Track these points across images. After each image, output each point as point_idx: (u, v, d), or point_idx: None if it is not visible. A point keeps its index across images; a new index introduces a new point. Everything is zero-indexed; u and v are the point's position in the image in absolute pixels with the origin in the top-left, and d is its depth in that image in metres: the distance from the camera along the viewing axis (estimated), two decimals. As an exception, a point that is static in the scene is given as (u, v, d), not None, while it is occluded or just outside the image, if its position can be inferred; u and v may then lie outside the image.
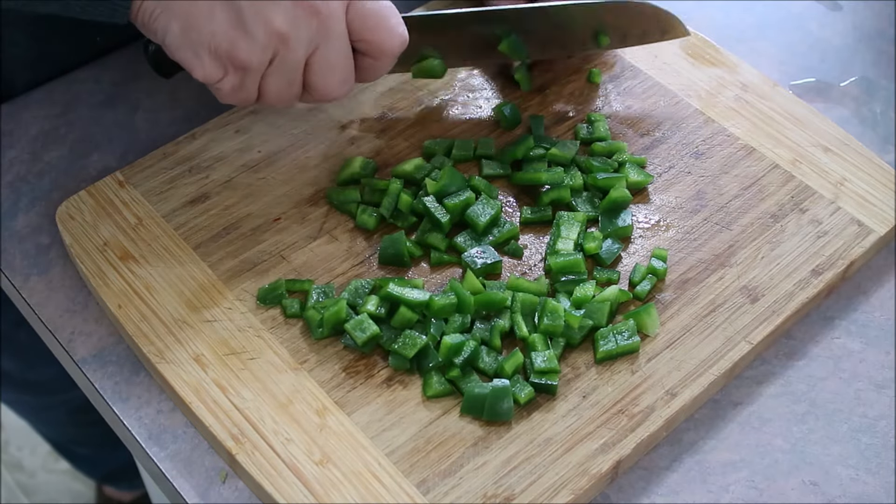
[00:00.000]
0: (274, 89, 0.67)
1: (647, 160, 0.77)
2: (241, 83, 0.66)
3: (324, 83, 0.67)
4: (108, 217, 0.72)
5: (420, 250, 0.71)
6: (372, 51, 0.68)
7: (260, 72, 0.65)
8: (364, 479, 0.60)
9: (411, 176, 0.74)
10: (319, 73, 0.67)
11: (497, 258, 0.70)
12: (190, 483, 0.63)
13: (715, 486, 0.64)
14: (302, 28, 0.63)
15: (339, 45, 0.66)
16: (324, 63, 0.66)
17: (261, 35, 0.62)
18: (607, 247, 0.71)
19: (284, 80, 0.66)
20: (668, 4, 0.89)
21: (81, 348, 0.70)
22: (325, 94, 0.68)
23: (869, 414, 0.67)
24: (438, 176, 0.73)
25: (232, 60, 0.63)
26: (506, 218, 0.73)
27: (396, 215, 0.72)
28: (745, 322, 0.68)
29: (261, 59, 0.64)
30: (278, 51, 0.64)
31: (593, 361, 0.66)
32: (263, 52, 0.63)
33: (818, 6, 0.94)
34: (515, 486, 0.60)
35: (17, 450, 1.73)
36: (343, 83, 0.68)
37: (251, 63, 0.64)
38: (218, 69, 0.64)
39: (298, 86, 0.67)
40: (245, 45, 0.63)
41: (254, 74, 0.65)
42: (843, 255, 0.71)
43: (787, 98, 0.82)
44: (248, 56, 0.63)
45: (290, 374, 0.65)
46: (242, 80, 0.65)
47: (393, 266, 0.70)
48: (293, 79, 0.66)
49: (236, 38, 0.62)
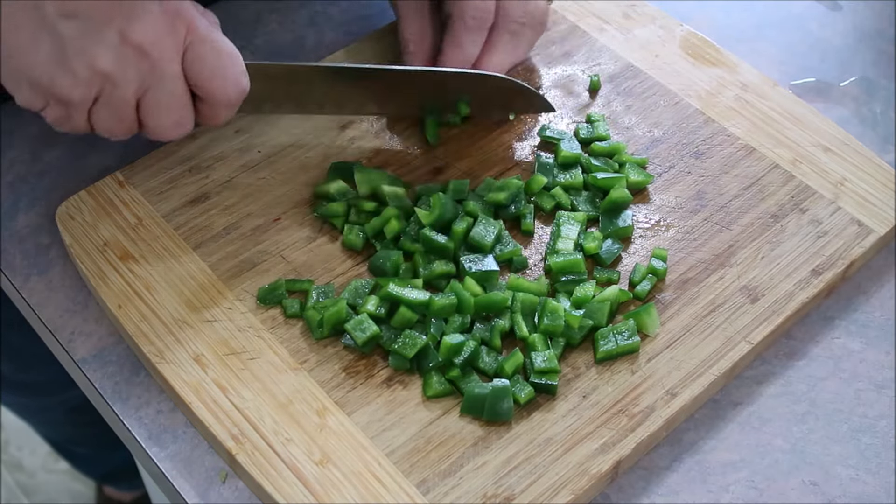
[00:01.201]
0: (103, 124, 0.64)
1: (648, 160, 0.77)
2: (65, 116, 0.63)
3: (156, 124, 0.65)
4: (108, 217, 0.72)
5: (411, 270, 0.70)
6: (208, 98, 0.65)
7: (84, 107, 0.62)
8: (364, 479, 0.60)
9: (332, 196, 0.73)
10: (151, 113, 0.64)
11: (495, 267, 0.69)
12: (190, 483, 0.63)
13: (715, 486, 0.64)
14: (129, 69, 0.60)
15: (171, 87, 0.63)
16: (155, 104, 0.63)
17: (83, 73, 0.60)
18: (607, 247, 0.71)
19: (113, 116, 0.63)
20: (668, 4, 0.89)
21: (81, 348, 0.70)
22: (159, 134, 0.66)
23: (869, 414, 0.67)
24: (430, 205, 0.71)
25: (51, 94, 0.61)
26: (507, 234, 0.71)
27: (379, 237, 0.71)
28: (745, 322, 0.68)
29: (82, 97, 0.61)
30: (104, 89, 0.61)
31: (593, 361, 0.66)
32: (86, 90, 0.61)
33: (818, 6, 0.94)
34: (515, 486, 0.60)
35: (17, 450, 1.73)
36: (177, 125, 0.66)
37: (72, 99, 0.61)
38: (38, 100, 0.62)
39: (130, 122, 0.64)
40: (66, 82, 0.60)
41: (77, 109, 0.62)
42: (843, 255, 0.71)
43: (787, 98, 0.82)
44: (68, 92, 0.60)
45: (290, 374, 0.65)
46: (67, 113, 0.63)
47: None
48: (122, 116, 0.64)
49: (57, 74, 0.59)
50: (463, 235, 0.70)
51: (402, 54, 0.79)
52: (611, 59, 0.84)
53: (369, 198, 0.73)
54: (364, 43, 0.85)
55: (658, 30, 0.87)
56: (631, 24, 0.87)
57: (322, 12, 0.91)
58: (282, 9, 0.91)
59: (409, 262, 0.70)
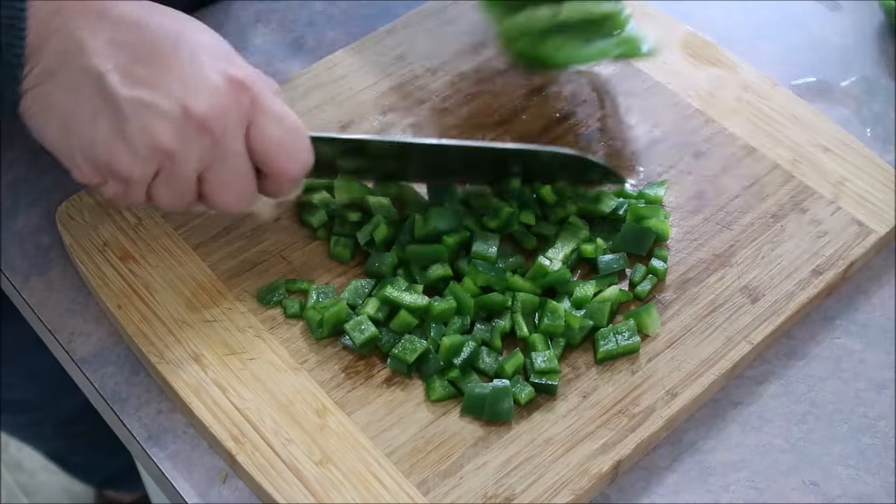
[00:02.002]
0: (164, 199, 0.62)
1: (647, 160, 0.77)
2: (124, 192, 0.61)
3: (219, 199, 0.63)
4: (108, 217, 0.72)
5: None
6: (271, 173, 0.63)
7: (144, 184, 0.60)
8: (364, 479, 0.60)
9: (314, 206, 0.72)
10: (213, 189, 0.62)
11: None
12: (190, 483, 0.63)
13: (715, 486, 0.64)
14: (192, 146, 0.58)
15: (234, 163, 0.61)
16: (217, 181, 0.61)
17: (143, 150, 0.58)
18: (607, 260, 0.69)
19: (174, 192, 0.61)
20: (668, 4, 0.89)
21: (81, 348, 0.69)
22: (220, 209, 0.64)
23: (869, 414, 0.67)
24: (425, 216, 0.70)
25: (111, 171, 0.59)
26: (508, 248, 0.71)
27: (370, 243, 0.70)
28: (746, 322, 0.68)
29: (143, 174, 0.59)
30: (164, 166, 0.59)
31: (593, 361, 0.66)
32: (146, 167, 0.59)
33: (818, 6, 0.94)
34: (516, 486, 0.60)
35: (17, 450, 1.73)
36: (240, 200, 0.63)
37: (132, 176, 0.59)
38: (96, 176, 0.60)
39: (191, 196, 0.62)
40: (125, 158, 0.58)
41: (137, 186, 0.60)
42: (843, 255, 0.71)
43: (787, 98, 0.82)
44: (128, 170, 0.59)
45: (290, 374, 0.65)
46: (126, 189, 0.61)
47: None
48: (183, 191, 0.61)
49: (116, 150, 0.58)
50: (456, 246, 0.69)
51: None
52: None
53: (352, 207, 0.72)
54: (364, 43, 0.85)
55: (658, 30, 0.87)
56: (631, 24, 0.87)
57: (322, 12, 0.91)
58: (282, 9, 0.91)
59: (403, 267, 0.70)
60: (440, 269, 0.68)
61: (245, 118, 0.60)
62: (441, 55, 0.84)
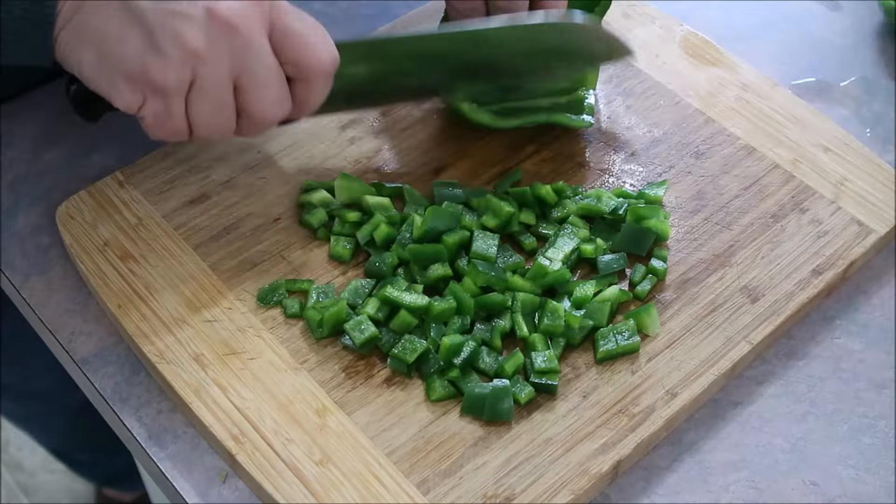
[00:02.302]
0: (203, 115, 0.63)
1: (647, 160, 0.77)
2: (164, 110, 0.62)
3: (257, 103, 0.63)
4: (108, 217, 0.72)
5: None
6: (301, 73, 0.64)
7: (181, 95, 0.61)
8: (364, 479, 0.60)
9: (314, 205, 0.72)
10: (250, 93, 0.63)
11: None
12: (190, 483, 0.63)
13: (715, 486, 0.64)
14: (220, 45, 0.60)
15: (265, 61, 0.62)
16: (252, 82, 0.62)
17: (175, 54, 0.59)
18: (607, 260, 0.70)
19: (211, 103, 0.62)
20: (668, 4, 0.89)
21: (81, 348, 0.70)
22: (261, 115, 0.64)
23: (869, 414, 0.67)
24: (423, 215, 0.70)
25: (148, 84, 0.60)
26: (509, 248, 0.71)
27: (370, 243, 0.71)
28: (746, 322, 0.68)
29: (178, 80, 0.60)
30: (197, 70, 0.60)
31: (593, 361, 0.66)
32: (180, 72, 0.60)
33: (818, 6, 0.94)
34: (516, 486, 0.60)
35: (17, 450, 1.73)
36: (277, 102, 0.64)
37: (168, 84, 0.60)
38: (136, 95, 0.61)
39: (230, 110, 0.63)
40: (159, 66, 0.59)
41: (175, 98, 0.61)
42: (843, 255, 0.71)
43: (787, 98, 0.82)
44: (163, 77, 0.60)
45: (290, 374, 0.65)
46: (165, 106, 0.62)
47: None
48: (221, 101, 0.62)
49: (149, 60, 0.59)
50: (456, 246, 0.69)
51: None
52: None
53: (352, 207, 0.73)
54: (364, 43, 0.85)
55: (658, 30, 0.87)
56: (631, 23, 0.87)
57: (322, 12, 0.91)
58: (282, 9, 0.91)
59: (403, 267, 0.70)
60: (440, 269, 0.68)
61: (266, 18, 0.62)
62: (441, 55, 0.84)
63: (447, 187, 0.73)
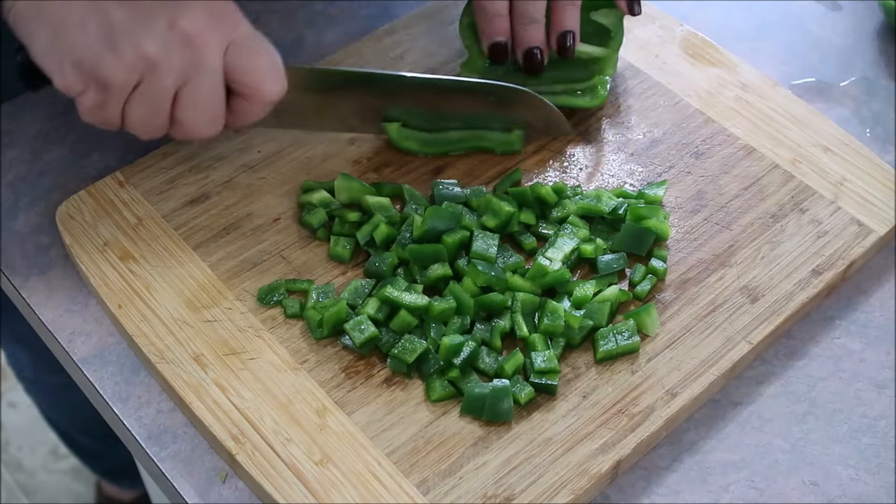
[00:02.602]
0: (137, 115, 0.64)
1: (647, 160, 0.77)
2: (102, 102, 0.63)
3: (191, 119, 0.65)
4: (108, 217, 0.72)
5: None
6: (246, 93, 0.65)
7: (123, 94, 0.62)
8: (364, 479, 0.60)
9: (314, 205, 0.72)
10: (187, 107, 0.64)
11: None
12: (190, 483, 0.63)
13: (715, 486, 0.64)
14: (173, 57, 0.61)
15: (210, 80, 0.63)
16: (192, 97, 0.64)
17: (129, 56, 0.60)
18: (607, 260, 0.70)
19: (149, 107, 0.63)
20: (668, 4, 0.89)
21: (81, 348, 0.70)
22: (191, 130, 0.66)
23: (869, 414, 0.67)
24: (423, 215, 0.70)
25: (95, 76, 0.61)
26: (509, 248, 0.70)
27: (370, 243, 0.71)
28: (745, 322, 0.68)
29: (125, 81, 0.61)
30: (145, 76, 0.62)
31: (593, 361, 0.66)
32: (128, 74, 0.61)
33: (818, 6, 0.94)
34: (515, 486, 0.60)
35: (17, 450, 1.73)
36: (210, 123, 0.66)
37: (113, 82, 0.61)
38: (79, 82, 0.62)
39: (164, 117, 0.64)
40: (110, 64, 0.60)
41: (116, 96, 0.62)
42: (843, 255, 0.71)
43: (787, 98, 0.82)
44: (111, 75, 0.61)
45: (290, 374, 0.65)
46: (104, 100, 0.63)
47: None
48: (158, 108, 0.63)
49: (103, 55, 0.60)
50: (456, 246, 0.69)
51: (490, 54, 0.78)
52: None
53: (352, 207, 0.73)
54: (364, 43, 0.85)
55: (658, 30, 0.87)
56: (631, 24, 0.87)
57: (322, 12, 0.91)
58: (282, 9, 0.91)
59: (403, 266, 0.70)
60: (440, 269, 0.68)
61: (226, 38, 0.63)
62: (441, 55, 0.84)
63: (447, 187, 0.73)
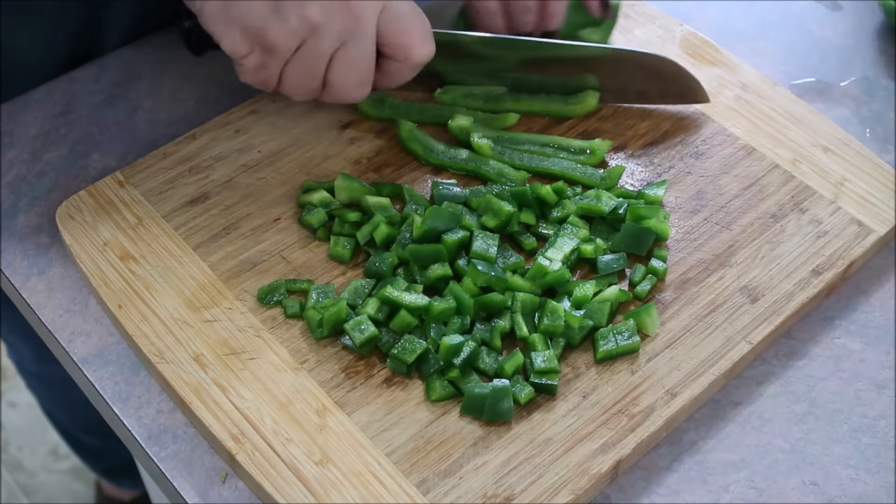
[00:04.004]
0: (295, 78, 0.69)
1: (647, 160, 0.77)
2: (264, 64, 0.68)
3: (343, 81, 0.69)
4: (108, 217, 0.73)
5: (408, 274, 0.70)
6: (397, 55, 0.70)
7: (285, 56, 0.67)
8: (364, 479, 0.60)
9: (314, 205, 0.72)
10: (341, 70, 0.68)
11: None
12: (190, 483, 0.63)
13: (715, 486, 0.64)
14: (334, 21, 0.65)
15: (365, 44, 0.68)
16: (347, 60, 0.68)
17: (293, 21, 0.65)
18: (607, 260, 0.70)
19: (307, 70, 0.68)
20: (668, 4, 0.89)
21: (81, 348, 0.70)
22: (343, 92, 0.70)
23: (869, 414, 0.67)
24: (423, 216, 0.70)
25: (261, 40, 0.66)
26: (509, 248, 0.70)
27: (370, 243, 0.71)
28: (745, 322, 0.68)
29: (288, 44, 0.66)
30: (307, 39, 0.66)
31: (593, 361, 0.66)
32: (292, 38, 0.66)
33: (818, 6, 0.94)
34: (515, 486, 0.60)
35: (17, 450, 1.73)
36: (361, 84, 0.70)
37: (278, 46, 0.66)
38: (245, 45, 0.66)
39: (319, 79, 0.69)
40: (276, 28, 0.65)
41: (278, 58, 0.67)
42: (843, 255, 0.71)
43: (787, 98, 0.82)
44: (276, 38, 0.65)
45: (290, 374, 0.65)
46: (266, 62, 0.67)
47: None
48: (315, 71, 0.68)
49: (270, 20, 0.65)
50: (456, 246, 0.69)
51: None
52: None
53: (352, 207, 0.73)
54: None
55: (658, 30, 0.87)
56: (631, 24, 0.87)
57: (322, 12, 0.91)
58: (282, 9, 0.91)
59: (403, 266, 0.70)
60: (440, 269, 0.68)
61: (381, 3, 0.67)
62: (441, 55, 0.84)
63: (447, 187, 0.73)
